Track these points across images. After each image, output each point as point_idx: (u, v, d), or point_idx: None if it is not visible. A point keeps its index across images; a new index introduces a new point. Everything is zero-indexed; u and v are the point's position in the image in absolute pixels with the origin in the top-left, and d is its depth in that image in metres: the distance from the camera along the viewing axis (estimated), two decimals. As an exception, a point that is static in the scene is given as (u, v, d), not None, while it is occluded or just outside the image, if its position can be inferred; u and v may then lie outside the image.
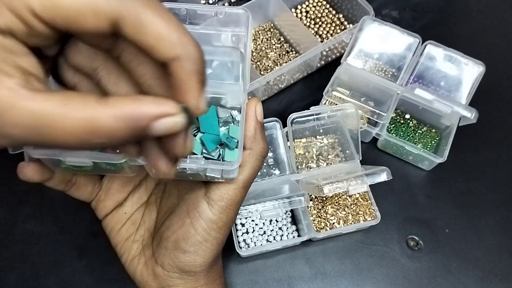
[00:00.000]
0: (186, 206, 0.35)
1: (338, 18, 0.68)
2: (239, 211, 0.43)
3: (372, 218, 0.53)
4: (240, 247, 0.52)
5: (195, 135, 0.34)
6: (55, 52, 0.26)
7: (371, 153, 0.60)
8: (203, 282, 0.36)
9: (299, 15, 0.68)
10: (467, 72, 0.59)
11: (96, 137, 0.21)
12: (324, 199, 0.54)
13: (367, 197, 0.54)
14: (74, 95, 0.21)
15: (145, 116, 0.21)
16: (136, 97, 0.22)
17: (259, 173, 0.37)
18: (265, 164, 0.56)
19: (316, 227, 0.52)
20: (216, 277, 0.38)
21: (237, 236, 0.53)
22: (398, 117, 0.60)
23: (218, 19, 0.34)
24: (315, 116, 0.54)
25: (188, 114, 0.23)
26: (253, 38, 0.65)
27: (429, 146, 0.59)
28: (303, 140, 0.58)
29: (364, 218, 0.53)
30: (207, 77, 0.24)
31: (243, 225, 0.53)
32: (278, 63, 0.63)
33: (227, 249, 0.50)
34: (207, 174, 0.33)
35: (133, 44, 0.23)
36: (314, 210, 0.54)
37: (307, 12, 0.68)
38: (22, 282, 0.50)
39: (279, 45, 0.65)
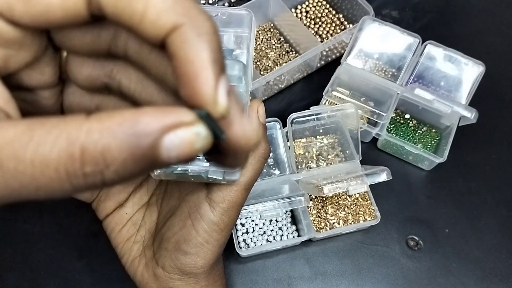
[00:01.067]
0: (187, 208, 0.35)
1: (338, 18, 0.67)
2: (239, 212, 0.43)
3: (372, 218, 0.53)
4: (240, 247, 0.52)
5: None
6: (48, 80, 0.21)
7: (371, 153, 0.60)
8: (204, 284, 0.36)
9: (299, 15, 0.68)
10: (467, 72, 0.59)
11: (82, 173, 0.15)
12: (324, 199, 0.54)
13: (367, 197, 0.54)
14: (44, 119, 0.15)
15: (148, 131, 0.15)
16: (130, 110, 0.15)
17: (259, 174, 0.37)
18: (265, 164, 0.56)
19: (316, 227, 0.52)
20: (217, 279, 0.38)
21: (237, 236, 0.52)
22: (398, 117, 0.60)
23: (220, 20, 0.34)
24: (315, 116, 0.54)
25: (210, 121, 0.16)
26: (253, 37, 0.65)
27: (429, 146, 0.59)
28: (303, 140, 0.58)
29: (364, 218, 0.53)
30: (225, 58, 0.17)
31: (243, 225, 0.53)
32: (278, 63, 0.63)
33: (227, 249, 0.50)
34: (209, 176, 0.33)
35: (123, 27, 0.17)
36: (314, 210, 0.54)
37: (307, 12, 0.68)
38: (22, 282, 0.50)
39: (279, 45, 0.65)
